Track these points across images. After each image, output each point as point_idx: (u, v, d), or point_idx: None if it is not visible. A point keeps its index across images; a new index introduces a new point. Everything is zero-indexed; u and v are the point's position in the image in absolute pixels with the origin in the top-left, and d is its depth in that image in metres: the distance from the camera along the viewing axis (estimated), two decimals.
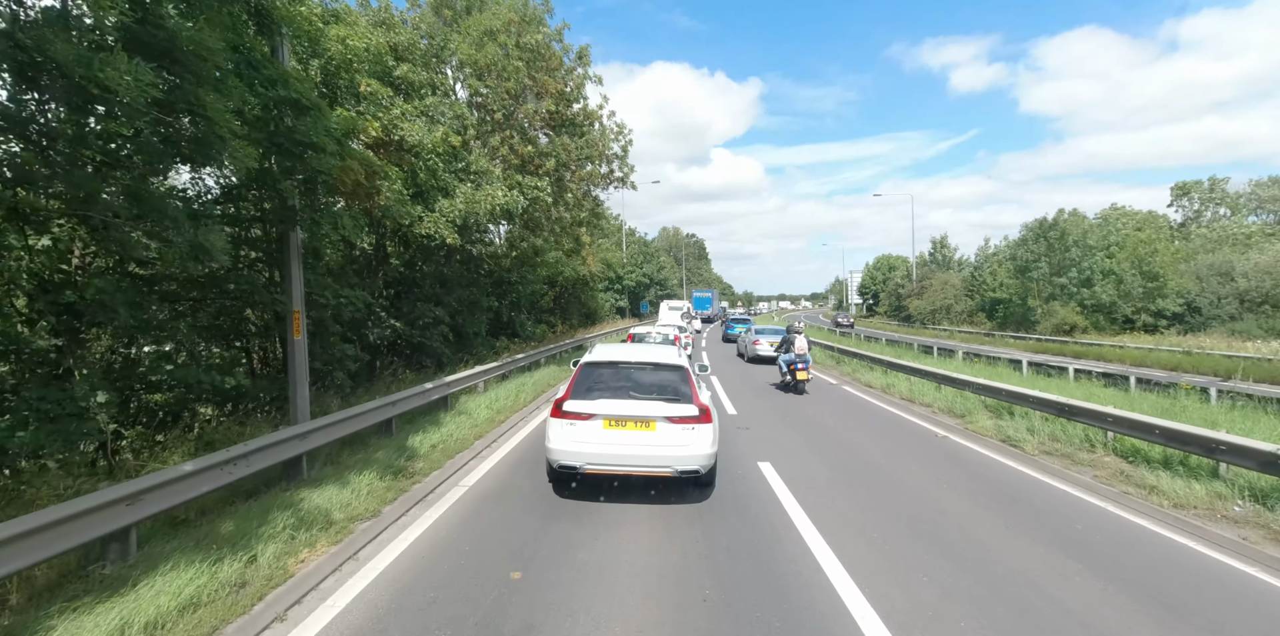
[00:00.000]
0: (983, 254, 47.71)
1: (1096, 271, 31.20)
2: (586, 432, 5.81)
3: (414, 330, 14.15)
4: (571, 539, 5.09)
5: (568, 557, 4.69)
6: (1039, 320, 32.54)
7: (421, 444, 7.61)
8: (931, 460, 8.34)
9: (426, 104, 12.19)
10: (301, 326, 8.96)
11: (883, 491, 6.82)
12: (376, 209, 10.65)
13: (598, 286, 39.99)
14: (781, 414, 11.66)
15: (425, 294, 14.99)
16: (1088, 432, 8.86)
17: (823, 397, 13.98)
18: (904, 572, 4.65)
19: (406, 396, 8.75)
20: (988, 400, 11.46)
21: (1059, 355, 26.89)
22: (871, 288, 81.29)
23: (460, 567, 4.49)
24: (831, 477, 7.31)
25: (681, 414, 5.84)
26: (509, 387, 12.72)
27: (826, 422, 10.90)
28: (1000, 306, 40.66)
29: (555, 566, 4.53)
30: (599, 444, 5.78)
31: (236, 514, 5.09)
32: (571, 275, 28.12)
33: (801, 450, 8.74)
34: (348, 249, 14.03)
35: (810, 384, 16.28)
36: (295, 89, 6.49)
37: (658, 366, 6.38)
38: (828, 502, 6.33)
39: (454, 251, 16.70)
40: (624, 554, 4.83)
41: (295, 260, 8.83)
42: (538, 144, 14.24)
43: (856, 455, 8.51)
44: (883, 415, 11.80)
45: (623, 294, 49.91)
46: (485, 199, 11.76)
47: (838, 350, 21.36)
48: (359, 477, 6.07)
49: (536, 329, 26.43)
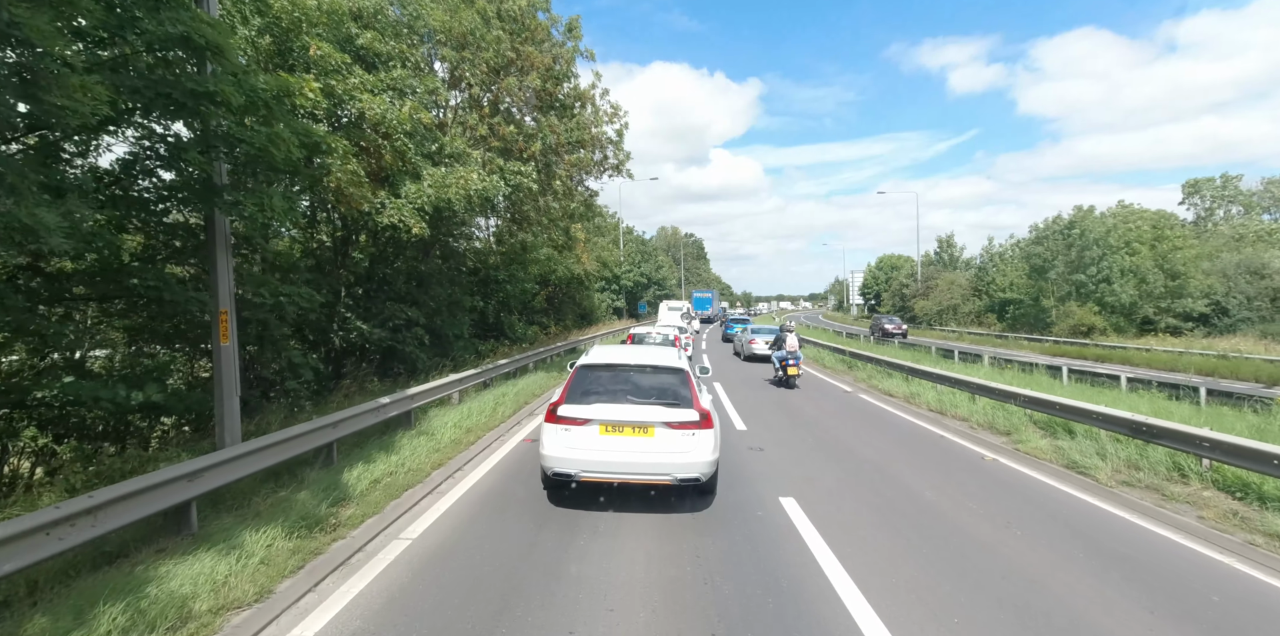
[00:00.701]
0: (988, 253, 46.28)
1: (1116, 270, 29.70)
2: (582, 439, 5.59)
3: (384, 333, 12.63)
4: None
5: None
6: (1055, 321, 31.06)
7: (360, 479, 6.08)
8: (990, 493, 6.84)
9: (394, 76, 10.65)
10: (230, 330, 7.45)
11: (939, 538, 5.32)
12: (327, 192, 9.14)
13: (594, 286, 38.47)
14: (798, 430, 10.16)
15: (397, 292, 13.47)
16: (1174, 458, 7.37)
17: (842, 409, 12.48)
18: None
19: (353, 414, 7.23)
20: (1035, 414, 9.97)
21: (1079, 358, 25.44)
22: (874, 288, 79.77)
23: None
24: (872, 522, 5.81)
25: (682, 419, 5.60)
26: (487, 398, 11.21)
27: (850, 441, 9.40)
28: (1010, 307, 39.23)
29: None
30: (595, 450, 5.54)
31: (60, 602, 3.57)
32: (565, 274, 26.60)
33: (829, 480, 7.23)
34: (305, 241, 12.52)
35: (824, 392, 14.92)
36: (186, 22, 4.96)
37: (657, 369, 6.12)
38: (874, 562, 4.83)
39: (432, 246, 15.18)
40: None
41: (222, 251, 7.33)
42: (521, 125, 12.72)
43: (896, 486, 7.01)
44: (915, 432, 10.30)
45: (620, 294, 48.40)
46: (458, 183, 10.23)
47: (849, 354, 19.87)
48: (258, 535, 4.55)
49: (527, 330, 24.92)
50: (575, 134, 13.47)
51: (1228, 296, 29.25)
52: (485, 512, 5.76)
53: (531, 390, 13.04)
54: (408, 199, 10.06)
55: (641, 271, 52.60)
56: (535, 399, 12.60)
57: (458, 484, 6.62)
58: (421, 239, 15.43)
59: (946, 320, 45.32)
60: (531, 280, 24.12)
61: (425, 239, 15.10)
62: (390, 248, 13.60)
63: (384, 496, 5.79)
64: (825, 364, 20.99)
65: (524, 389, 12.93)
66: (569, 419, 5.66)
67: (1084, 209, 33.60)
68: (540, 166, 13.36)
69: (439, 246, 16.19)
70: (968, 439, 9.69)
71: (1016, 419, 10.04)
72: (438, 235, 14.61)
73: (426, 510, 5.74)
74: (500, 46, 11.88)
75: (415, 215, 9.88)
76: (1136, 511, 6.34)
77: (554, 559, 4.70)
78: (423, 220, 9.89)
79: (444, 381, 10.21)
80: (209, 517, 5.16)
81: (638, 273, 51.60)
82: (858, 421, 11.11)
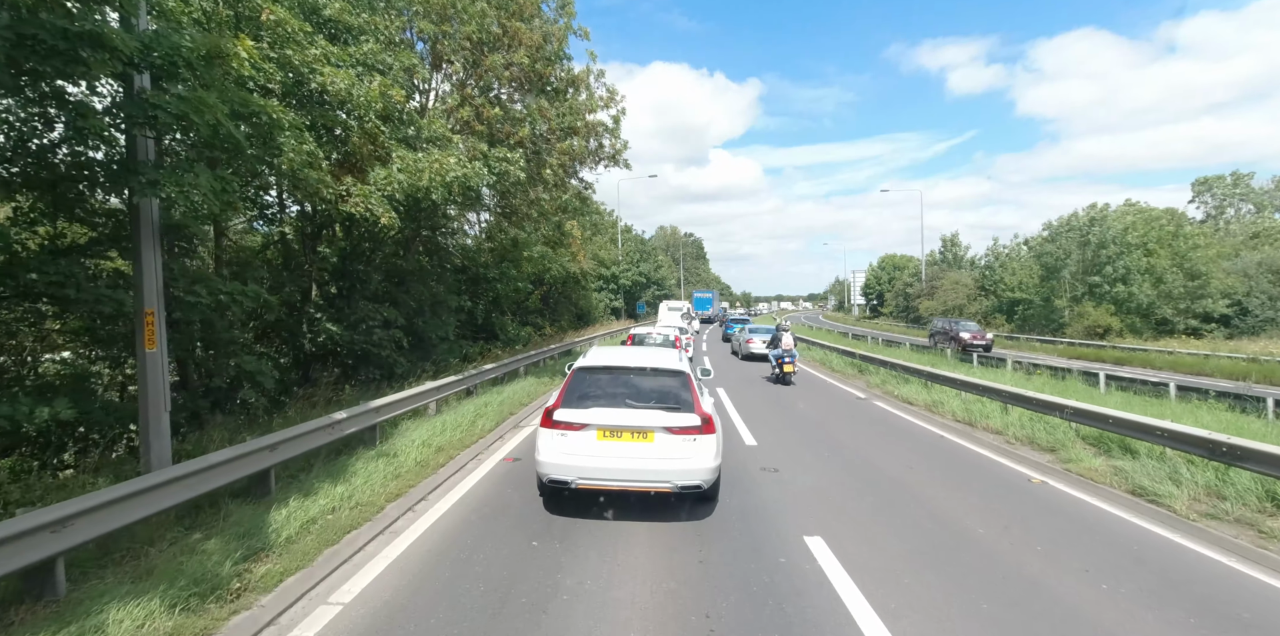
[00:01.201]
0: (995, 252, 45.18)
1: (1134, 270, 28.58)
2: (579, 444, 5.41)
3: (357, 335, 11.52)
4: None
5: None
6: (1068, 322, 29.94)
7: (292, 518, 4.96)
8: (1051, 527, 5.74)
9: (364, 51, 9.55)
10: (158, 334, 6.39)
11: (1010, 596, 4.21)
12: (279, 176, 8.05)
13: (591, 285, 37.38)
14: (814, 445, 9.05)
15: (373, 291, 12.35)
16: (1266, 486, 6.27)
17: (859, 419, 11.38)
18: None
19: (296, 435, 6.11)
20: (1083, 428, 8.88)
21: (1097, 361, 24.37)
22: (877, 288, 78.63)
23: None
24: (920, 571, 4.70)
25: (682, 424, 5.41)
26: (468, 409, 10.10)
27: (875, 459, 8.29)
28: (1020, 307, 38.15)
29: None
30: (592, 456, 5.36)
31: None
32: (560, 273, 25.47)
33: (860, 512, 6.13)
34: (269, 234, 11.42)
35: (836, 399, 13.86)
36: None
37: (657, 372, 5.90)
38: (933, 633, 3.73)
39: (413, 241, 14.07)
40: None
41: (149, 241, 6.30)
42: (508, 108, 11.61)
43: (939, 518, 5.91)
44: (945, 448, 9.20)
45: (618, 293, 47.29)
46: (432, 168, 9.12)
47: (860, 357, 18.77)
48: (131, 608, 3.43)
49: (520, 332, 23.83)
50: (567, 119, 12.35)
51: (1249, 296, 28.16)
52: (445, 561, 4.65)
53: (519, 398, 11.92)
54: (376, 186, 8.96)
55: (640, 271, 51.49)
56: (522, 408, 11.48)
57: (416, 520, 5.50)
58: (401, 233, 14.38)
59: None
60: (525, 279, 22.98)
61: (406, 234, 14.02)
62: (367, 242, 12.49)
63: (317, 543, 4.67)
64: (833, 367, 19.89)
65: (511, 397, 11.82)
66: (565, 423, 5.44)
67: (1099, 207, 32.49)
68: (529, 154, 12.25)
69: (421, 241, 15.10)
70: (1007, 456, 8.59)
71: (1060, 433, 8.95)
72: (419, 229, 13.51)
73: (371, 559, 4.63)
74: (484, 20, 10.78)
75: (384, 204, 8.77)
76: (1233, 553, 5.25)
77: (527, 629, 3.60)
78: (392, 210, 8.78)
79: (415, 391, 9.08)
80: (89, 573, 4.05)
81: (636, 272, 50.49)
82: (879, 434, 10.01)
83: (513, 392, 12.30)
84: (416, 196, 9.76)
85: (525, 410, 11.36)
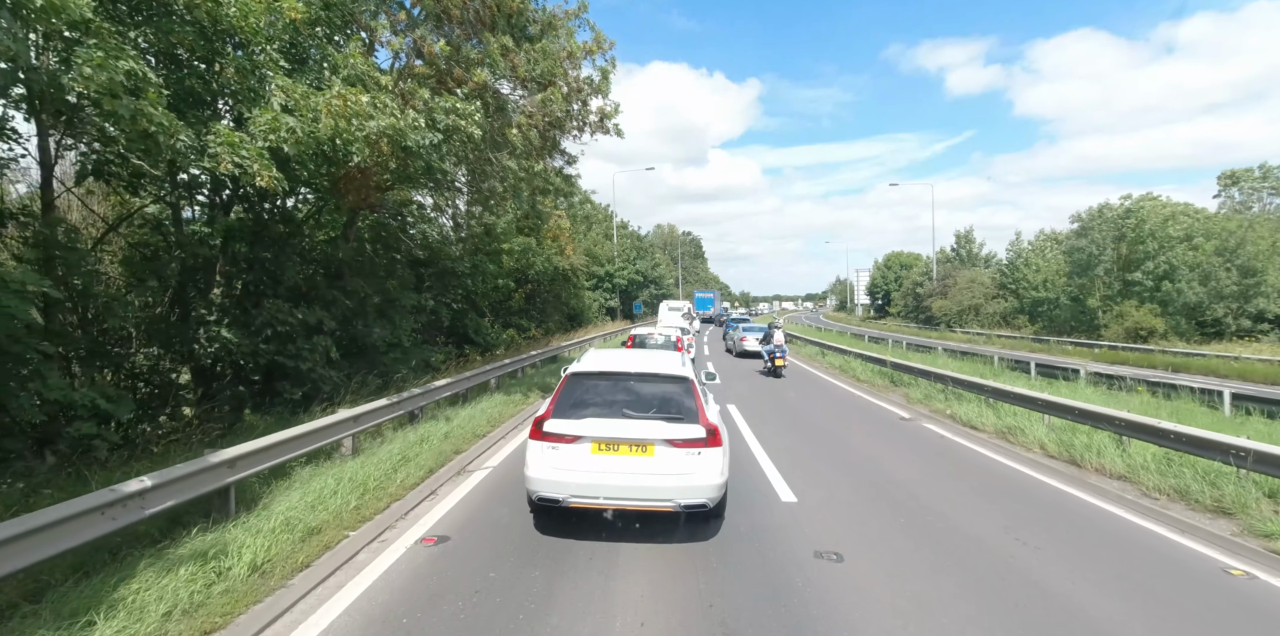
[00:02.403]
0: (1015, 248, 42.51)
1: (1179, 265, 25.95)
2: (571, 458, 4.92)
3: (262, 344, 8.83)
4: None
5: None
6: (1106, 323, 27.28)
7: None
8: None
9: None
10: None
11: None
12: (62, 107, 5.39)
13: (583, 283, 34.68)
14: (878, 501, 6.36)
15: (290, 287, 9.65)
16: None
17: (916, 450, 8.67)
18: None
19: (18, 533, 3.41)
20: (1257, 475, 6.23)
21: (1148, 367, 21.82)
22: (883, 287, 75.89)
23: None
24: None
25: (686, 436, 4.89)
26: (396, 447, 7.40)
27: (970, 527, 5.61)
28: (1044, 307, 35.54)
29: None
30: (586, 472, 4.87)
31: None
32: (546, 268, 22.78)
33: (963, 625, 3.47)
34: (121, 206, 8.74)
35: (876, 419, 11.25)
36: None
37: (657, 377, 5.39)
38: None
39: (351, 225, 11.37)
40: None
41: None
42: (459, 44, 8.88)
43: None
44: (1056, 502, 6.53)
45: (613, 292, 44.56)
46: (333, 109, 6.44)
47: (891, 365, 16.10)
48: None
49: (501, 335, 21.16)
50: (541, 66, 9.65)
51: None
52: None
53: (475, 426, 9.21)
54: (256, 133, 6.27)
55: (637, 269, 48.72)
56: (475, 442, 8.75)
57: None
58: (332, 215, 11.65)
59: (968, 321, 41.59)
60: (506, 275, 20.31)
61: (343, 215, 11.32)
62: (280, 223, 9.78)
63: None
64: (858, 376, 17.19)
65: (465, 424, 9.12)
66: (556, 435, 4.97)
67: (1135, 197, 29.79)
68: (491, 110, 9.54)
69: (370, 227, 12.43)
70: (1162, 521, 5.94)
71: (1230, 486, 6.29)
72: (356, 211, 10.81)
73: None
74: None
75: (263, 158, 6.09)
76: None
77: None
78: (272, 166, 6.09)
79: (305, 430, 6.25)
80: None
81: (632, 270, 47.72)
82: (955, 480, 7.33)
83: (470, 417, 9.59)
84: (325, 153, 7.07)
85: (480, 444, 8.64)
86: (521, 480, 5.24)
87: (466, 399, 11.39)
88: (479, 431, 9.03)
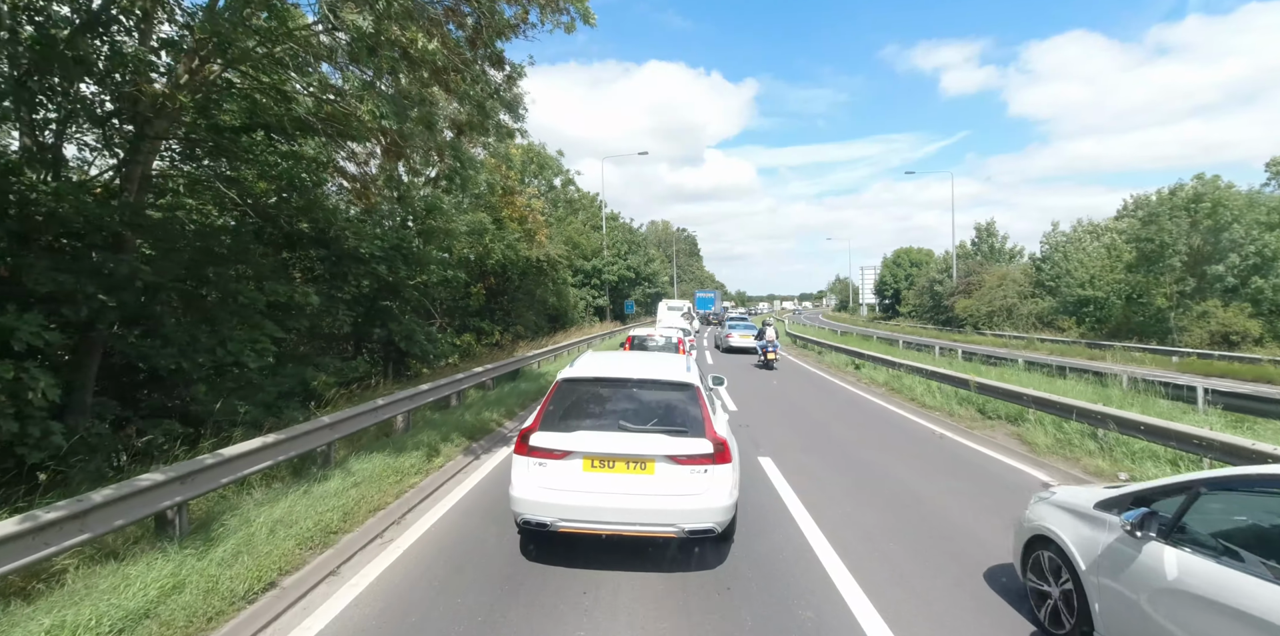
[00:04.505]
0: (1050, 240, 38.12)
1: (1275, 257, 21.68)
2: (561, 476, 4.33)
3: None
4: None
5: None
6: (1185, 326, 22.96)
7: None
8: None
9: None
10: None
11: None
12: None
13: (566, 278, 30.07)
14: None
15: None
16: None
17: None
18: None
19: None
20: None
21: (1266, 383, 17.43)
22: (893, 285, 71.47)
23: None
24: None
25: (690, 451, 4.29)
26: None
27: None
28: (1091, 307, 31.19)
29: None
30: (578, 492, 4.27)
31: None
32: (510, 258, 18.16)
33: None
34: None
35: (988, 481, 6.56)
36: None
37: (658, 384, 4.79)
38: None
39: (145, 158, 6.78)
40: None
41: None
42: None
43: None
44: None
45: (602, 290, 39.96)
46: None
47: (953, 380, 11.57)
48: None
49: (453, 341, 16.54)
50: None
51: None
52: None
53: (272, 553, 4.59)
54: None
55: (629, 264, 44.15)
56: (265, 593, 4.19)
57: None
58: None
59: (1000, 323, 37.19)
60: (455, 265, 15.66)
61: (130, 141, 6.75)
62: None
63: None
64: (924, 402, 12.63)
65: (244, 547, 4.50)
66: (544, 450, 4.36)
67: (1203, 176, 25.43)
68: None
69: (178, 171, 7.89)
70: None
71: None
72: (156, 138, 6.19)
73: None
74: None
75: None
76: None
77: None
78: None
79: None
80: None
81: (624, 265, 43.14)
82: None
83: (281, 519, 4.97)
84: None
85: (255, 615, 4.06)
86: None
87: (327, 462, 6.77)
88: (286, 562, 4.38)
